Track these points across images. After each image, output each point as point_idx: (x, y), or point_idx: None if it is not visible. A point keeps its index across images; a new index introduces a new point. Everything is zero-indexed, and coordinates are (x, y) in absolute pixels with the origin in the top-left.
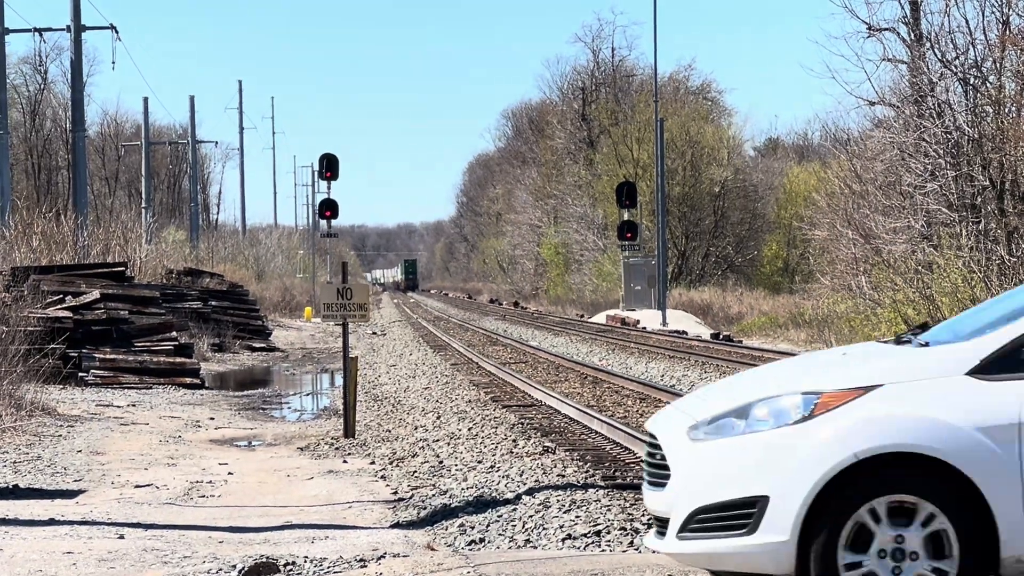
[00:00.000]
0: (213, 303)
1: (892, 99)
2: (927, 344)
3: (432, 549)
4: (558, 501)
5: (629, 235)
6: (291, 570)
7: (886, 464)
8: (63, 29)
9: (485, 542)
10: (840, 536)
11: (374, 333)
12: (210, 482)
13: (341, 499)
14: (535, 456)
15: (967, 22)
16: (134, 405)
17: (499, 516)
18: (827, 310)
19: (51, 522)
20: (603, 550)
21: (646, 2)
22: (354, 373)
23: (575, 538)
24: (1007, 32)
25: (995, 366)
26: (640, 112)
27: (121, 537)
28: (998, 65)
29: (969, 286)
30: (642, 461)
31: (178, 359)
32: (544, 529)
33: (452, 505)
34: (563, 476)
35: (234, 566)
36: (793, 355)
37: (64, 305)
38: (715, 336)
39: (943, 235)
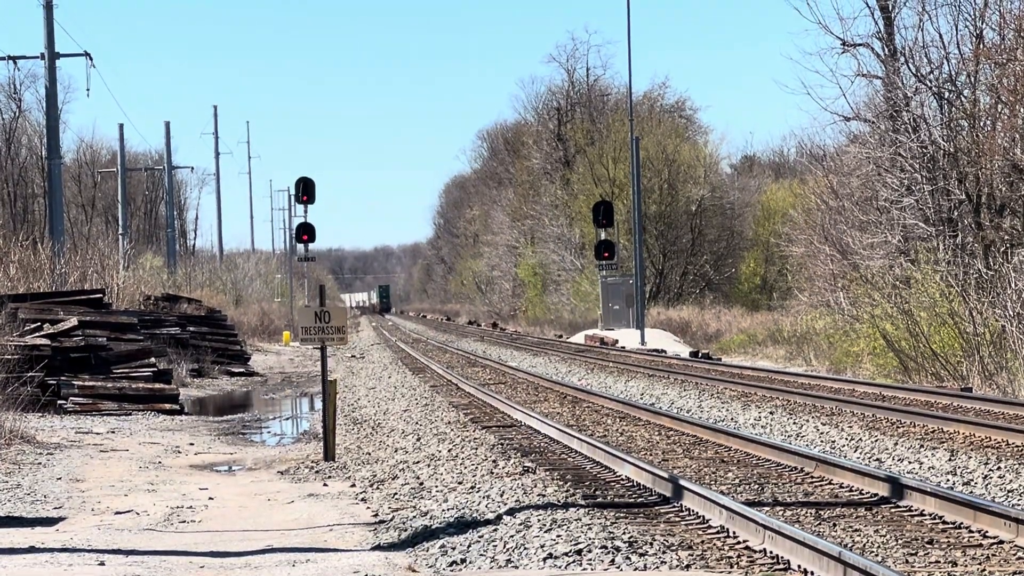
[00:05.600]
0: (191, 329)
1: (867, 114)
2: None
3: (413, 571)
4: (539, 521)
5: (606, 254)
6: None
7: None
8: (37, 57)
9: (466, 563)
10: None
11: (353, 356)
12: (191, 507)
13: (322, 522)
14: (515, 476)
15: (941, 36)
16: (113, 431)
17: (480, 537)
18: (806, 326)
19: (31, 550)
20: (584, 569)
21: (620, 21)
22: (333, 396)
23: (556, 557)
24: (981, 46)
25: None
26: (616, 131)
27: (102, 564)
28: (972, 79)
29: (947, 300)
30: None
31: (157, 385)
32: (525, 549)
33: (433, 527)
34: (544, 496)
35: None
36: (772, 372)
37: (42, 333)
38: (694, 354)
39: (920, 249)
